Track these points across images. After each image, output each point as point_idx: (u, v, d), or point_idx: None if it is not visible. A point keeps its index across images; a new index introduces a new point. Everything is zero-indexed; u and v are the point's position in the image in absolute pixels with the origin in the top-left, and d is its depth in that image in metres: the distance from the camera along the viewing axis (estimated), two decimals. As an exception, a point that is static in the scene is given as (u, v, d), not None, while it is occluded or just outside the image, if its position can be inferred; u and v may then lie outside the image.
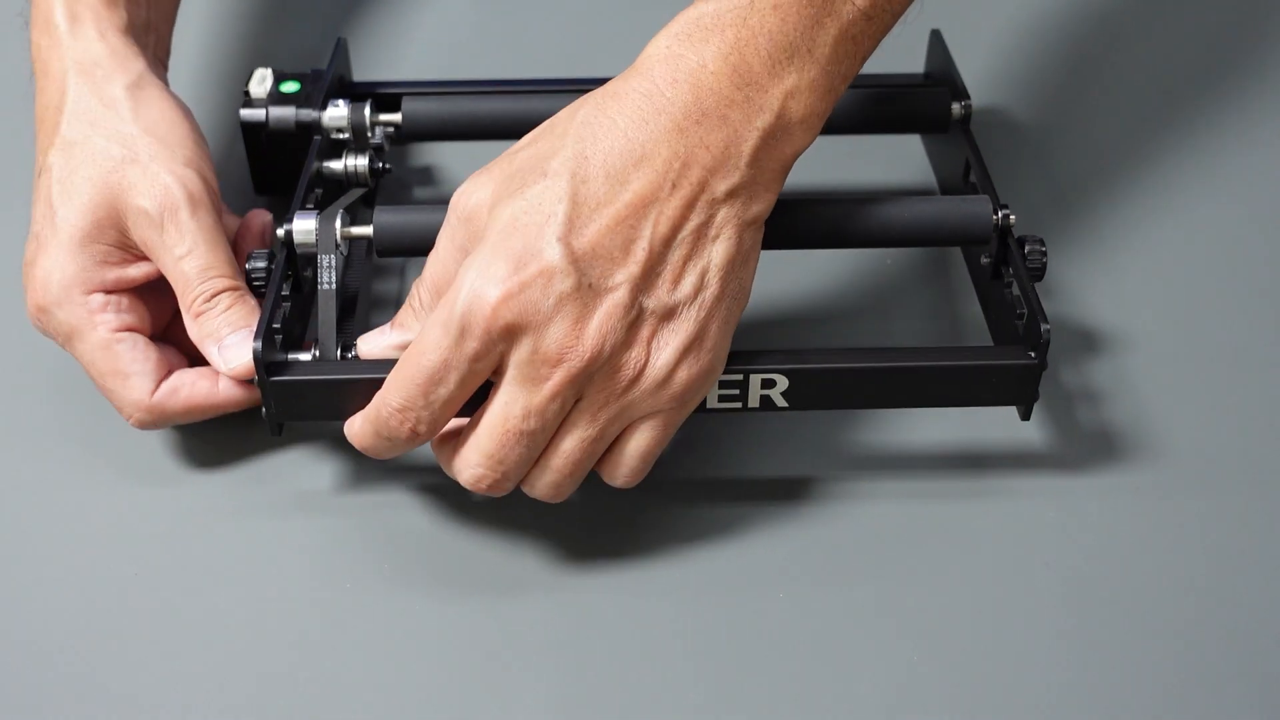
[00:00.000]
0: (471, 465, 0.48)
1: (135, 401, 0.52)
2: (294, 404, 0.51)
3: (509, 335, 0.45)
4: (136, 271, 0.54)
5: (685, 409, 0.49)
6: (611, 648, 0.49)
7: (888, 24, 0.50)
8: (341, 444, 0.54)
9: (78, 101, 0.54)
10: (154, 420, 0.52)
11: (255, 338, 0.49)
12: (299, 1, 0.77)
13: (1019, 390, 0.51)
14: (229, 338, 0.52)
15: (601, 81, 0.66)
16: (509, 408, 0.46)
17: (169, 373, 0.53)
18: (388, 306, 0.61)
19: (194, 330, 0.53)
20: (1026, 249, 0.54)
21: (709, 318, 0.47)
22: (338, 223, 0.54)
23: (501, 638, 0.49)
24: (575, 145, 0.47)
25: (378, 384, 0.50)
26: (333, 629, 0.49)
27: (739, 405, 0.51)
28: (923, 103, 0.61)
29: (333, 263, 0.53)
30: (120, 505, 0.53)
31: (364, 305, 0.60)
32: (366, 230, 0.54)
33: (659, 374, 0.47)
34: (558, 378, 0.46)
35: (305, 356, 0.52)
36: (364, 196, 0.61)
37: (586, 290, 0.45)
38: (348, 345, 0.53)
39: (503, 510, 0.53)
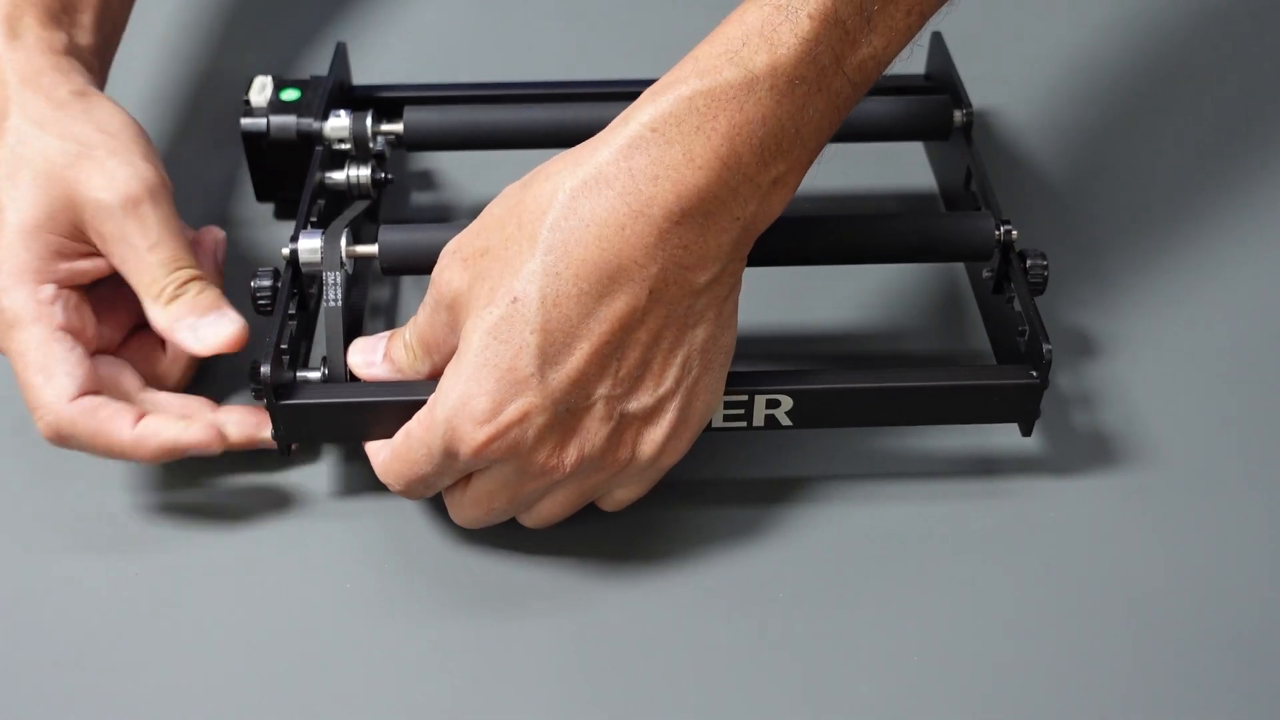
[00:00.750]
0: (468, 503, 0.49)
1: (49, 403, 0.50)
2: (303, 426, 0.51)
3: (494, 457, 0.46)
4: (88, 265, 0.53)
5: (661, 471, 0.50)
6: (612, 650, 0.49)
7: (869, 86, 0.47)
8: (341, 446, 0.55)
9: (24, 105, 0.53)
10: (61, 431, 0.50)
11: (264, 361, 0.50)
12: (297, 3, 0.77)
13: (1020, 408, 0.52)
14: (202, 319, 0.52)
15: (601, 84, 0.67)
16: (493, 496, 0.48)
17: (96, 389, 0.51)
18: (380, 314, 0.61)
19: (162, 317, 0.52)
20: (1028, 263, 0.54)
21: (692, 398, 0.48)
22: (343, 242, 0.54)
23: (501, 640, 0.49)
24: (545, 259, 0.44)
25: (386, 407, 0.51)
26: (331, 631, 0.50)
27: (744, 424, 0.52)
28: (925, 111, 0.61)
29: (338, 280, 0.53)
30: (120, 505, 0.53)
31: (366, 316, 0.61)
32: (371, 249, 0.54)
33: (644, 462, 0.48)
34: (544, 479, 0.47)
35: (314, 375, 0.53)
36: (368, 194, 0.61)
37: (565, 415, 0.46)
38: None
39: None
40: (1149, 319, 0.60)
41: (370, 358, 0.52)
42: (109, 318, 0.55)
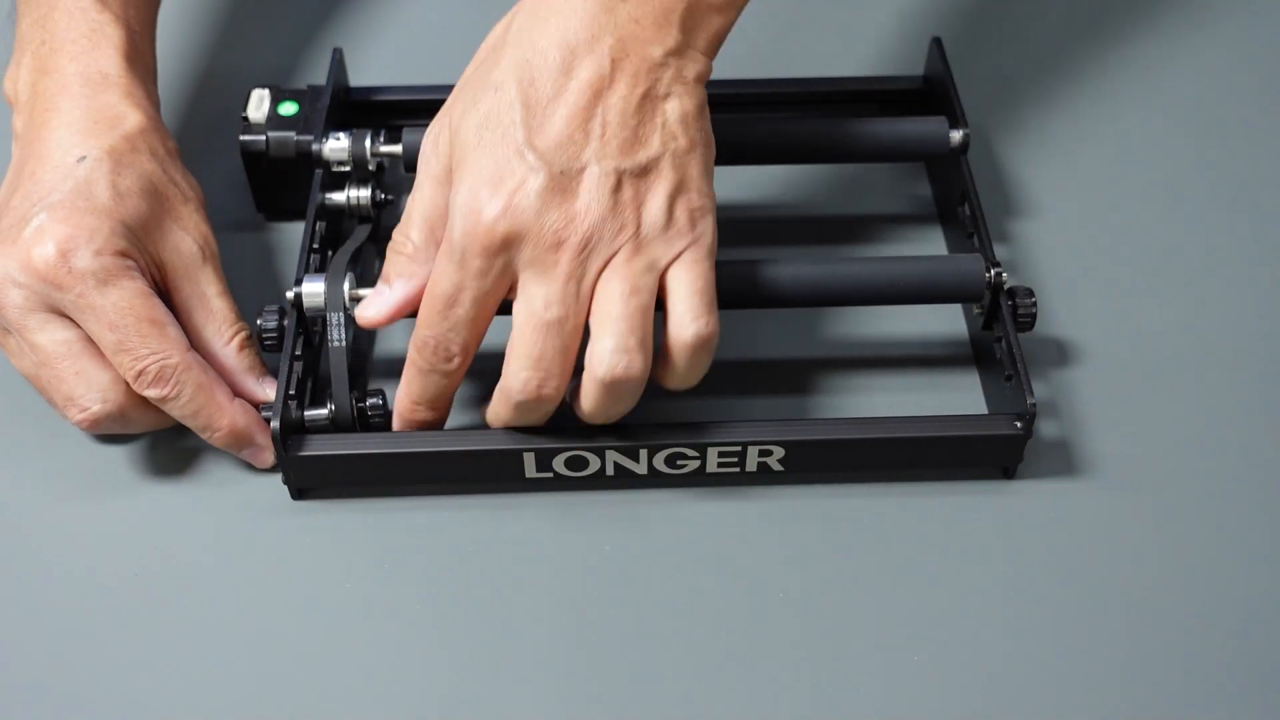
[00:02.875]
0: (516, 373, 0.50)
1: (171, 346, 0.52)
2: (314, 474, 0.53)
3: (508, 245, 0.49)
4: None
5: (703, 244, 0.51)
6: (612, 650, 0.51)
7: None
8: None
9: (151, 137, 0.57)
10: (161, 385, 0.52)
11: (274, 417, 0.51)
12: (292, 5, 0.76)
13: (1005, 456, 0.54)
14: (263, 379, 0.56)
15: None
16: (531, 303, 0.49)
17: None
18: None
19: (233, 361, 0.55)
20: (1016, 302, 0.55)
21: (685, 164, 0.51)
22: (345, 285, 0.55)
23: (500, 640, 0.51)
24: (514, 53, 0.50)
25: (395, 457, 0.52)
26: (332, 629, 0.51)
27: (738, 470, 0.54)
28: (922, 133, 0.61)
29: (341, 320, 0.54)
30: (119, 505, 0.54)
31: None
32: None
33: (657, 220, 0.50)
34: (563, 260, 0.49)
35: (322, 412, 0.54)
36: (368, 215, 0.61)
37: (560, 178, 0.49)
38: (366, 410, 0.55)
39: (502, 510, 0.54)
40: (1146, 320, 0.61)
41: (376, 296, 0.53)
42: None
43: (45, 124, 0.56)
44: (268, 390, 0.55)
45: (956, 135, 0.61)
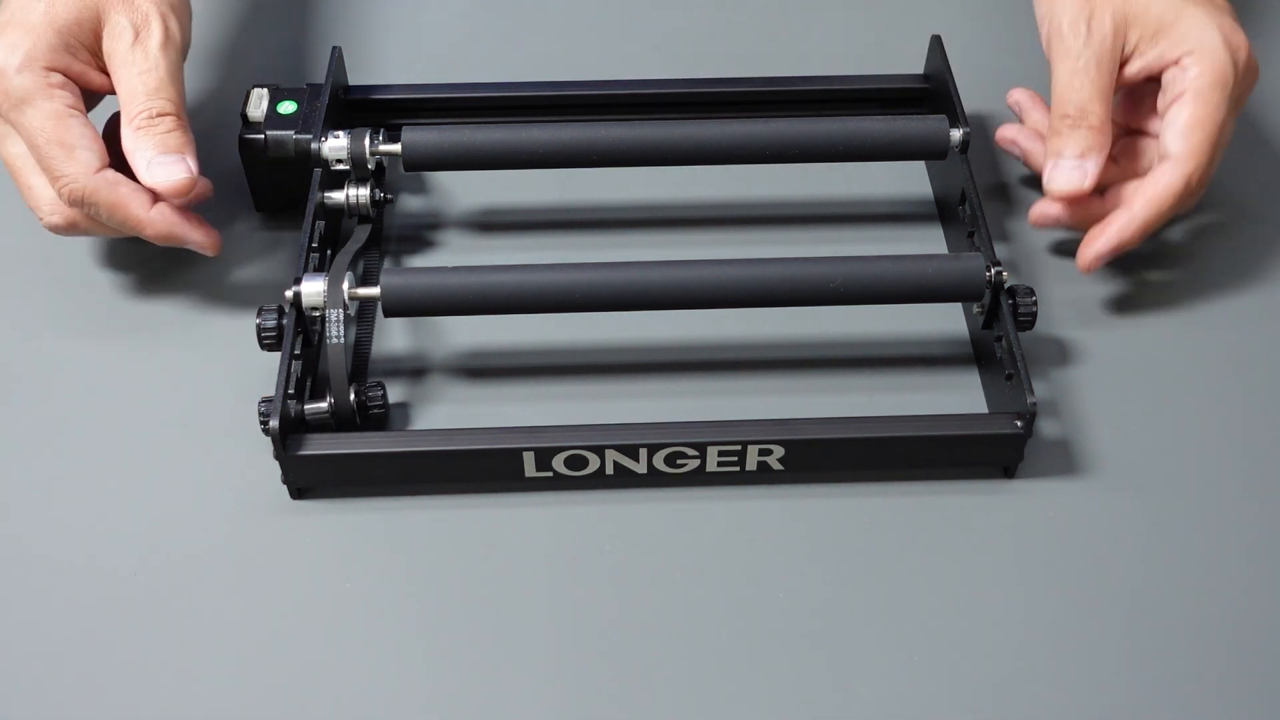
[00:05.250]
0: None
1: (75, 173, 0.54)
2: (312, 474, 0.53)
3: None
4: (96, 78, 0.57)
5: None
6: (612, 650, 0.51)
7: None
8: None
9: None
10: (85, 198, 0.54)
11: (273, 416, 0.51)
12: (292, 2, 0.76)
13: (1005, 455, 0.54)
14: (161, 155, 0.55)
15: (600, 84, 0.67)
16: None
17: (110, 164, 0.55)
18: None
19: (129, 141, 0.55)
20: (1017, 301, 0.55)
21: None
22: (345, 285, 0.55)
23: (500, 639, 0.51)
24: None
25: (392, 456, 0.53)
26: (332, 629, 0.51)
27: (738, 469, 0.54)
28: (922, 132, 0.61)
29: (340, 317, 0.54)
30: (119, 504, 0.54)
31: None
32: (374, 291, 0.55)
33: None
34: None
35: (322, 405, 0.54)
36: (367, 214, 0.61)
37: None
38: (366, 402, 0.55)
39: (502, 510, 0.54)
40: (1147, 320, 0.61)
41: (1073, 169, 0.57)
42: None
43: None
44: (153, 171, 0.55)
45: (957, 134, 0.61)
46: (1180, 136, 0.56)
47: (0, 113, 0.55)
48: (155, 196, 0.56)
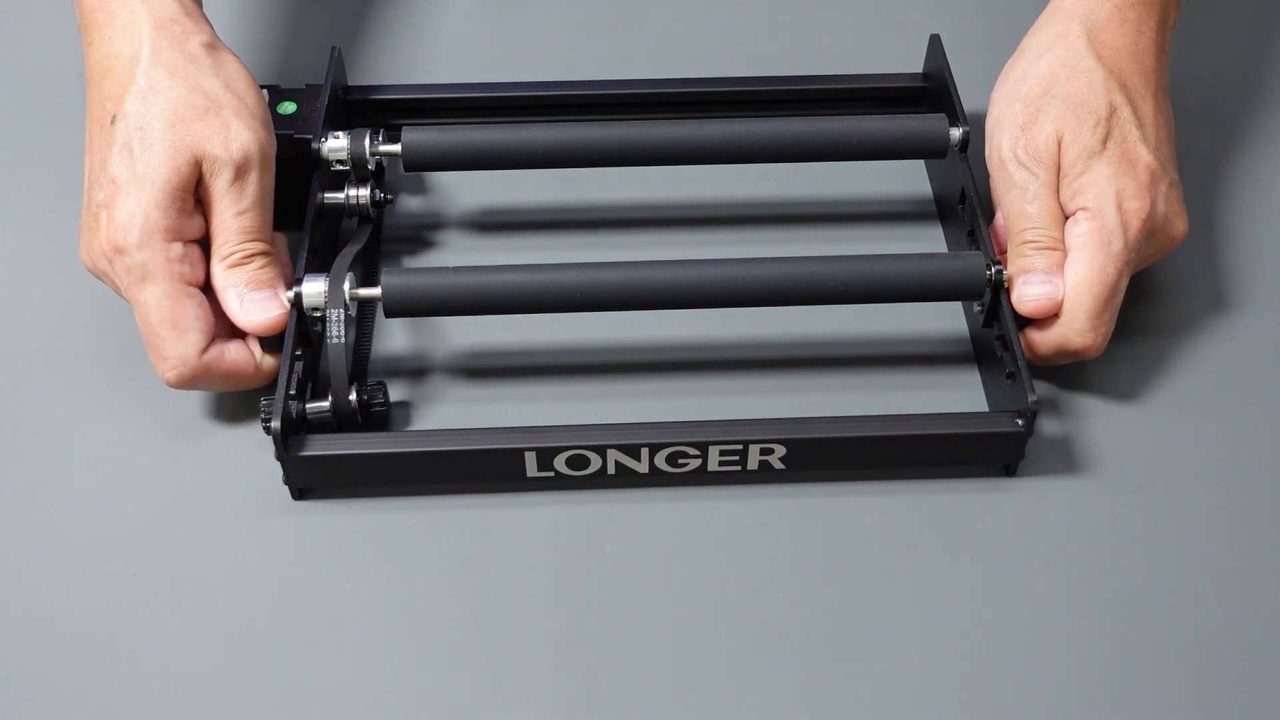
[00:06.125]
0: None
1: (184, 356, 0.54)
2: (313, 473, 0.53)
3: None
4: (202, 223, 0.56)
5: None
6: (611, 649, 0.51)
7: None
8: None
9: (158, 52, 0.56)
10: (191, 379, 0.54)
11: (274, 417, 0.51)
12: (290, 2, 0.75)
13: (1006, 453, 0.54)
14: (253, 292, 0.55)
15: (600, 84, 0.67)
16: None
17: (215, 335, 0.55)
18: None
19: (221, 278, 0.55)
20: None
21: None
22: (346, 285, 0.55)
23: (501, 637, 0.51)
24: None
25: (391, 456, 0.53)
26: (332, 629, 0.51)
27: (739, 468, 0.54)
28: (922, 130, 0.61)
29: (340, 317, 0.54)
30: (119, 504, 0.54)
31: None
32: (374, 291, 0.55)
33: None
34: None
35: (324, 404, 0.54)
36: (367, 214, 0.61)
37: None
38: (368, 402, 0.55)
39: (502, 510, 0.54)
40: (1147, 319, 0.61)
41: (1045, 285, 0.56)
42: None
43: (86, 61, 0.57)
44: (246, 308, 0.54)
45: (956, 133, 0.61)
46: (1070, 296, 0.55)
47: (121, 288, 0.54)
48: (251, 339, 0.56)
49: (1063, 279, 0.55)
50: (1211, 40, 0.74)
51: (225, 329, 0.56)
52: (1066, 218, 0.57)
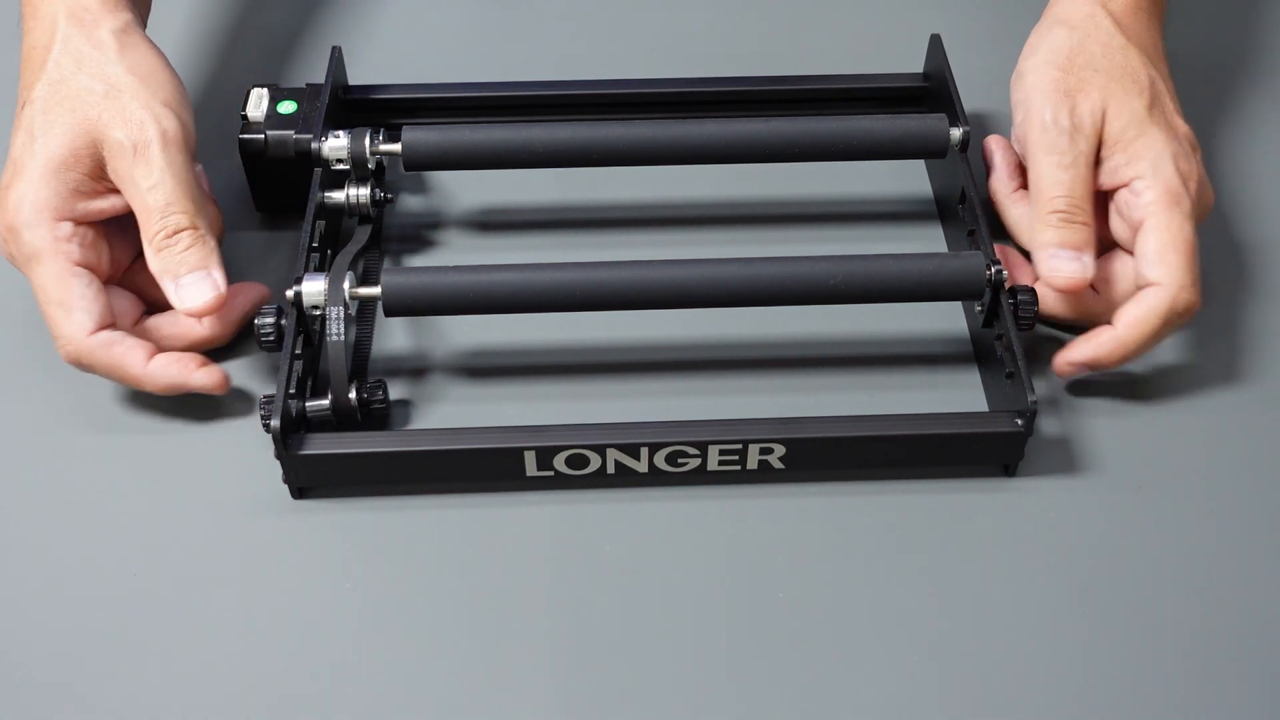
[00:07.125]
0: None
1: (71, 335, 0.54)
2: (312, 472, 0.53)
3: None
4: (105, 204, 0.56)
5: None
6: (611, 649, 0.51)
7: None
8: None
9: (67, 41, 0.57)
10: (80, 361, 0.55)
11: (274, 415, 0.51)
12: (293, 2, 0.76)
13: (1006, 453, 0.54)
14: (185, 277, 0.55)
15: (600, 83, 0.67)
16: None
17: (112, 322, 0.55)
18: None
19: (154, 264, 0.55)
20: (1017, 300, 0.55)
21: None
22: (346, 284, 0.55)
23: (500, 637, 0.51)
24: None
25: (391, 455, 0.52)
26: (332, 629, 0.51)
27: (738, 468, 0.54)
28: (922, 130, 0.61)
29: (340, 315, 0.54)
30: (119, 504, 0.55)
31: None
32: (375, 290, 0.55)
33: None
34: None
35: (324, 402, 0.54)
36: (367, 214, 0.61)
37: None
38: (368, 400, 0.55)
39: (503, 508, 0.54)
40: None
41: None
42: (120, 241, 0.57)
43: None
44: (181, 295, 0.55)
45: (956, 133, 0.61)
46: (1156, 263, 0.55)
47: (16, 265, 0.56)
48: (153, 351, 0.55)
49: (1092, 257, 0.56)
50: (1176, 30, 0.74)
51: (140, 312, 0.57)
52: (1103, 193, 0.58)
